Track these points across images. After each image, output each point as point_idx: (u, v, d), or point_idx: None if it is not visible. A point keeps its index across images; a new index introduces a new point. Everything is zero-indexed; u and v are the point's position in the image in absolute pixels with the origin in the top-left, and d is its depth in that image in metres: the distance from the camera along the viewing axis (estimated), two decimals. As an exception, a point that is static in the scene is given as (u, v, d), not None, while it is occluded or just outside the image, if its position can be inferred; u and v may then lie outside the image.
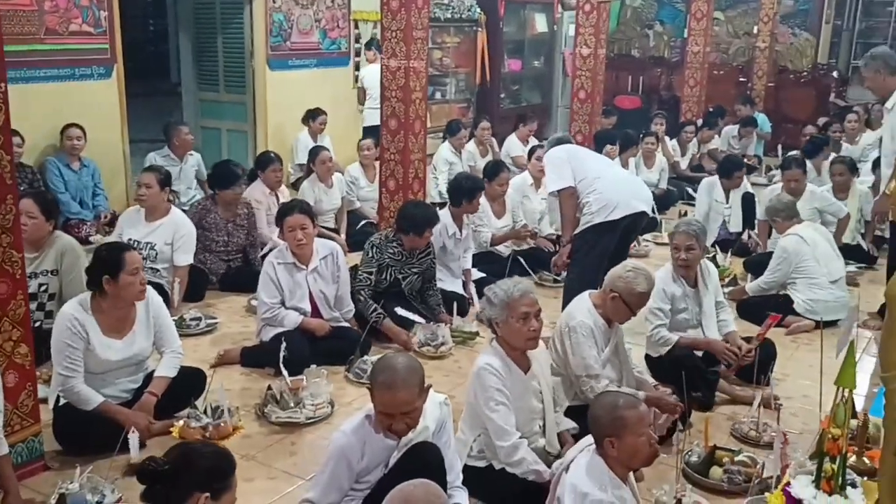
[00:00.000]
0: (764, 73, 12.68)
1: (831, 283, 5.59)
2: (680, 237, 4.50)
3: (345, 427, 2.89)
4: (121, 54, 7.19)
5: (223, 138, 9.11)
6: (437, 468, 2.86)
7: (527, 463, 3.24)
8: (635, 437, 2.73)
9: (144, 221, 5.40)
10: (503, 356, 3.36)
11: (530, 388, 3.42)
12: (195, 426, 3.58)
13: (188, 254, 5.43)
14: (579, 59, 8.09)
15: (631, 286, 3.71)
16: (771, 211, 5.96)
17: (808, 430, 4.09)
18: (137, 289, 3.70)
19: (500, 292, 3.37)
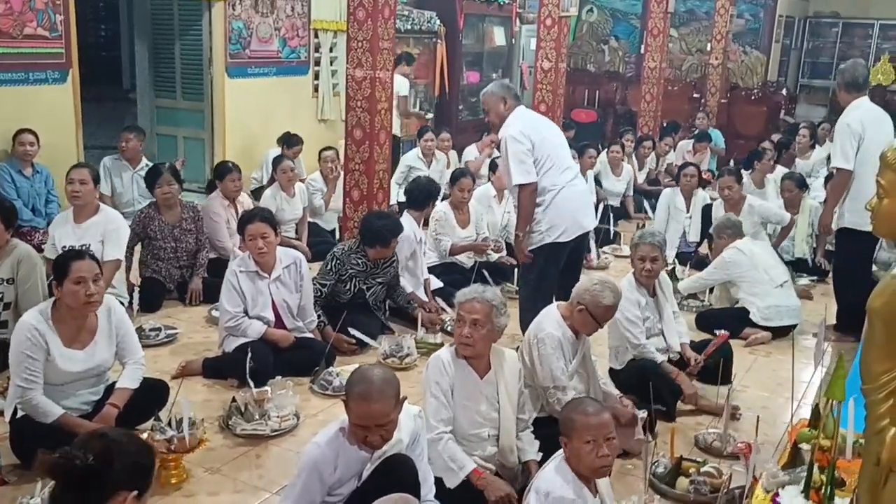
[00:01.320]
0: (717, 90, 12.95)
1: (777, 287, 5.74)
2: (645, 248, 4.56)
3: (318, 439, 2.85)
4: (76, 59, 7.05)
5: (180, 145, 8.99)
6: (411, 482, 2.84)
7: (442, 460, 3.24)
8: (580, 443, 2.77)
9: (74, 224, 5.18)
10: (455, 355, 3.41)
11: (484, 392, 3.42)
12: (159, 439, 3.49)
13: (117, 248, 5.15)
14: (540, 72, 8.17)
15: (597, 299, 3.74)
16: (718, 228, 6.12)
17: (770, 441, 4.15)
18: (81, 298, 3.55)
19: (458, 295, 3.51)
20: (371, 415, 2.72)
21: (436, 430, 3.27)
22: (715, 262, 5.95)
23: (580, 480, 2.79)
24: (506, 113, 4.91)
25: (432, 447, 3.21)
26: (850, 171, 5.31)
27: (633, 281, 4.62)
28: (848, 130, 5.30)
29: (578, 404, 2.94)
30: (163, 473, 3.55)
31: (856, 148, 5.26)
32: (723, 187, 6.82)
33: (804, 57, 15.51)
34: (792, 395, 3.74)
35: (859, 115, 5.35)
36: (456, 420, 3.35)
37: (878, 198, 1.95)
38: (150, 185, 5.92)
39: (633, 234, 8.23)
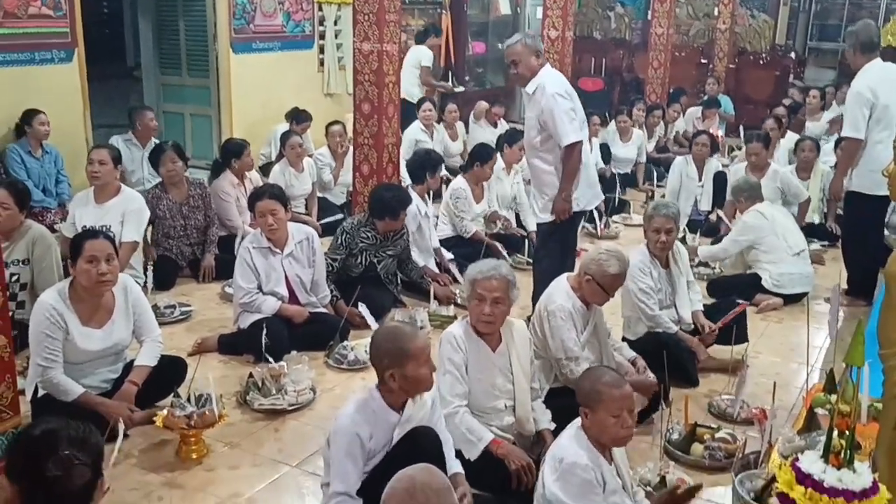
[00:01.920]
0: (724, 55, 12.82)
1: (794, 255, 5.73)
2: (659, 220, 4.54)
3: (346, 411, 2.87)
4: (82, 38, 7.02)
5: (186, 123, 8.97)
6: (435, 454, 2.87)
7: (460, 433, 3.26)
8: (606, 415, 2.78)
9: (95, 203, 5.22)
10: (467, 329, 3.42)
11: (497, 364, 3.45)
12: (179, 415, 3.54)
13: (135, 230, 5.20)
14: (547, 41, 8.08)
15: (603, 268, 3.73)
16: (735, 190, 6.07)
17: (783, 406, 4.17)
18: (93, 277, 3.59)
19: (471, 271, 3.47)
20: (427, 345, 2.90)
21: (451, 404, 3.29)
22: (737, 228, 5.87)
23: (596, 448, 2.82)
24: (538, 67, 4.65)
25: (449, 421, 3.23)
26: (860, 141, 5.26)
27: (646, 252, 4.62)
28: (859, 98, 5.24)
29: (602, 376, 2.89)
30: (183, 448, 3.61)
31: (867, 116, 5.21)
32: (750, 153, 6.78)
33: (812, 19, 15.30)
34: (807, 361, 3.75)
35: (869, 80, 5.27)
36: (472, 394, 3.37)
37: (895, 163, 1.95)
38: (155, 163, 5.93)
39: (642, 202, 8.31)
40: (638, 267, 4.45)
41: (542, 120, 4.62)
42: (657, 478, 3.43)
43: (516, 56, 4.64)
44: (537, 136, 4.70)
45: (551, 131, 4.61)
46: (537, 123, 4.67)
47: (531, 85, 4.64)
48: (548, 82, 4.63)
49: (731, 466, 3.29)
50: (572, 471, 2.73)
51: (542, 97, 4.57)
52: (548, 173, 4.73)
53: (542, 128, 4.65)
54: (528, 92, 4.66)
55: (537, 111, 4.64)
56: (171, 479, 3.46)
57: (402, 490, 2.20)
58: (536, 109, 4.65)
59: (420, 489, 2.18)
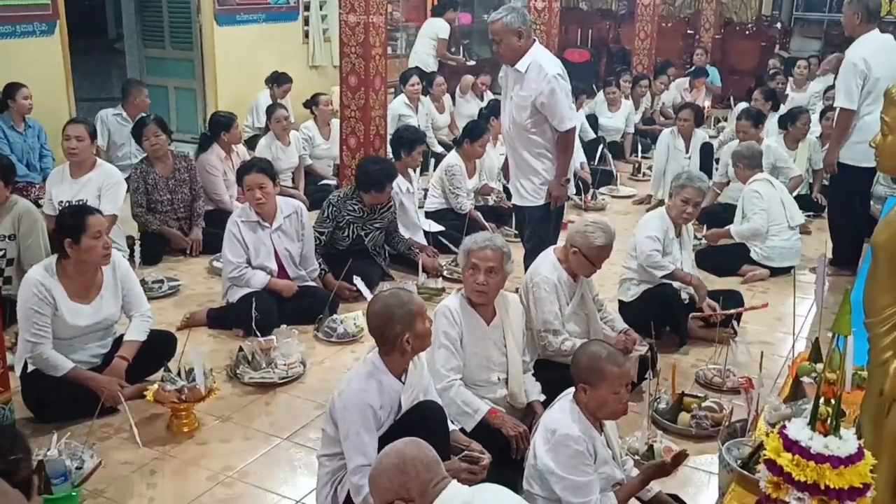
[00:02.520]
0: (711, 26, 12.79)
1: (792, 228, 5.77)
2: (691, 191, 4.60)
3: (353, 383, 2.85)
4: (63, 10, 6.94)
5: (170, 96, 8.91)
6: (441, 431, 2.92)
7: (456, 405, 3.29)
8: (608, 392, 2.79)
9: (70, 179, 5.17)
10: (464, 303, 3.43)
11: (491, 338, 3.47)
12: (170, 389, 3.54)
13: (112, 203, 5.11)
14: (534, 12, 8.06)
15: (589, 240, 3.75)
16: (737, 156, 6.02)
17: (769, 375, 4.22)
18: (100, 252, 3.62)
19: (467, 241, 3.49)
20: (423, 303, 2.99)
21: (446, 378, 3.31)
22: (751, 200, 5.74)
23: (588, 420, 2.85)
24: (521, 46, 4.41)
25: (444, 395, 3.26)
26: (854, 111, 5.24)
27: (664, 214, 4.70)
28: (853, 69, 5.21)
29: (601, 352, 2.86)
30: (175, 423, 3.62)
31: (860, 86, 5.19)
32: (740, 130, 6.76)
33: (798, -11, 15.29)
34: (793, 330, 3.79)
35: (864, 51, 5.24)
36: (466, 367, 3.39)
37: (883, 135, 1.96)
38: (138, 137, 5.88)
39: (629, 174, 8.34)
40: (658, 223, 4.62)
41: (538, 102, 4.41)
42: (645, 446, 3.48)
43: (496, 35, 4.46)
44: (529, 119, 4.48)
45: (548, 114, 4.44)
46: (531, 105, 4.44)
47: (522, 63, 4.42)
48: (544, 62, 4.43)
49: (717, 435, 3.33)
50: (565, 442, 2.75)
51: (541, 78, 4.37)
52: (538, 156, 4.57)
53: (537, 110, 4.44)
54: (520, 70, 4.43)
55: (533, 92, 4.41)
56: (164, 453, 3.48)
57: (392, 465, 2.21)
58: (531, 90, 4.41)
59: (410, 463, 2.21)
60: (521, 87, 4.46)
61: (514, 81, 4.52)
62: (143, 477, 3.32)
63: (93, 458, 3.24)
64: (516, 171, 4.71)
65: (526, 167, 4.63)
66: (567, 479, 2.74)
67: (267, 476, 3.36)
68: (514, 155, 4.70)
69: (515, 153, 4.67)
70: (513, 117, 4.55)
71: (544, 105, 4.41)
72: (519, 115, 4.51)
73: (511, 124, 4.60)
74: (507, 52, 4.44)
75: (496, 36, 4.45)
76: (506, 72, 4.65)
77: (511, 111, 4.57)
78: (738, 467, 2.71)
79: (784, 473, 1.82)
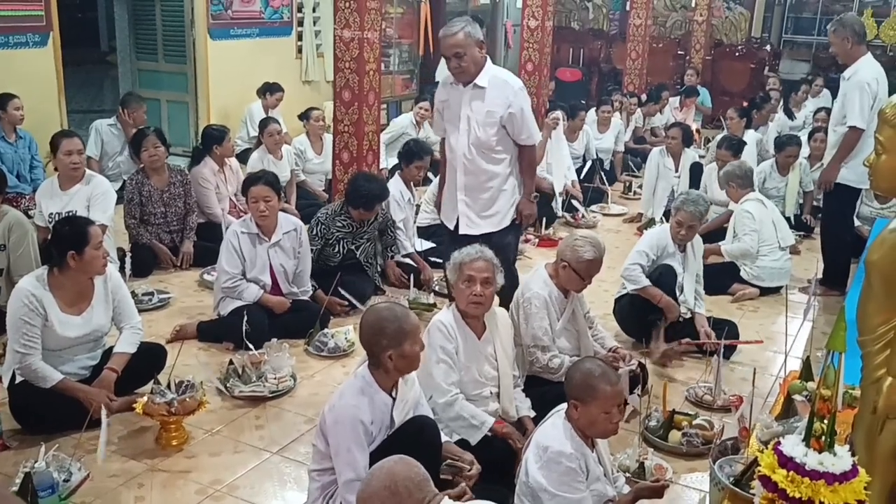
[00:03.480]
0: (701, 47, 12.91)
1: (782, 249, 5.80)
2: (684, 215, 4.70)
3: (345, 400, 2.84)
4: (56, 22, 6.95)
5: (163, 109, 8.90)
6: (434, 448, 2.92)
7: (463, 418, 3.29)
8: (598, 411, 2.79)
9: (60, 191, 5.17)
10: (457, 317, 3.43)
11: (483, 352, 3.47)
12: (160, 402, 3.52)
13: (102, 213, 5.06)
14: (526, 30, 8.11)
15: (578, 254, 3.75)
16: (729, 175, 5.99)
17: (759, 394, 4.23)
18: (101, 262, 3.64)
19: (457, 255, 3.48)
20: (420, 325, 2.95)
21: (449, 392, 3.30)
22: (742, 221, 5.76)
23: (580, 437, 2.84)
24: (482, 59, 4.16)
25: (448, 409, 3.26)
26: (863, 131, 5.21)
27: (667, 230, 4.82)
28: (867, 90, 5.20)
29: (594, 370, 2.85)
30: (164, 436, 3.59)
31: (871, 106, 5.18)
32: (719, 158, 6.80)
33: (787, 12, 15.44)
34: (785, 349, 3.80)
35: (872, 72, 5.28)
36: (461, 382, 3.39)
37: (877, 154, 1.98)
38: (137, 148, 5.87)
39: (620, 192, 8.37)
40: (657, 236, 4.76)
41: (505, 117, 4.15)
42: (636, 464, 3.47)
43: (461, 47, 4.04)
44: (495, 136, 4.19)
45: (516, 128, 4.20)
46: (498, 121, 4.16)
47: (482, 77, 4.13)
48: (505, 75, 4.25)
49: (708, 452, 3.33)
50: (557, 459, 2.75)
51: (510, 91, 4.14)
52: (506, 176, 4.30)
53: (502, 126, 4.19)
54: (481, 85, 4.13)
55: (500, 107, 4.14)
56: (152, 466, 3.45)
57: (383, 487, 2.17)
58: (498, 105, 4.14)
59: (402, 484, 2.17)
60: (484, 102, 4.16)
61: (472, 98, 4.18)
62: (132, 490, 3.29)
63: (80, 471, 3.20)
64: (475, 197, 4.31)
65: (491, 189, 4.30)
66: (559, 497, 2.74)
67: (257, 490, 3.33)
68: (472, 180, 4.28)
69: (475, 177, 4.28)
70: (476, 137, 4.20)
71: (514, 119, 4.17)
72: (485, 133, 4.19)
73: (471, 146, 4.23)
74: (471, 65, 4.09)
75: (459, 49, 4.05)
76: (450, 92, 4.29)
77: (472, 131, 4.20)
78: (731, 485, 2.71)
79: (779, 490, 1.83)
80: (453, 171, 4.35)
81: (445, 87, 4.34)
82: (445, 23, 11.78)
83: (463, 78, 4.15)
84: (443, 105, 4.36)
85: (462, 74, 4.14)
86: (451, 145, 4.32)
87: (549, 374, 3.75)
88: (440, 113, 4.41)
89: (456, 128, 4.27)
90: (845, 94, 5.29)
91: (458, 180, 4.32)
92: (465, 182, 4.31)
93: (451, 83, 4.25)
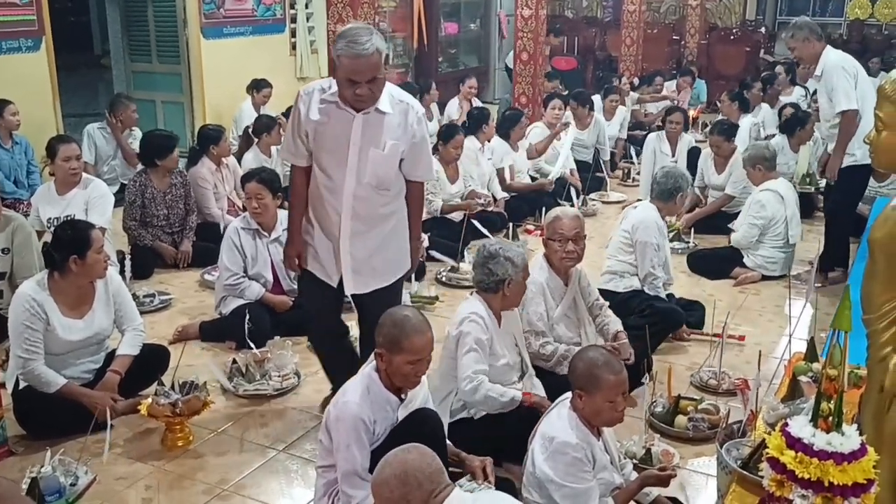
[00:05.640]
0: (696, 31, 12.89)
1: (791, 245, 5.71)
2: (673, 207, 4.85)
3: (349, 398, 2.81)
4: (49, 26, 6.92)
5: (158, 110, 8.87)
6: (439, 437, 2.89)
7: (492, 398, 3.29)
8: (603, 400, 2.78)
9: (57, 196, 5.17)
10: (487, 307, 3.43)
11: (508, 338, 3.51)
12: (164, 403, 3.51)
13: (100, 216, 5.06)
14: (520, 20, 8.08)
15: (546, 220, 3.93)
16: (755, 158, 5.80)
17: (764, 376, 4.22)
18: (102, 266, 3.65)
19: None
20: (426, 345, 2.80)
21: (473, 380, 3.28)
22: (754, 210, 5.66)
23: (586, 427, 2.83)
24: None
25: (474, 394, 3.27)
26: (857, 110, 5.16)
27: (651, 212, 4.80)
28: (844, 72, 5.18)
29: (597, 359, 2.83)
30: (169, 437, 3.59)
31: (853, 86, 5.15)
32: (713, 144, 6.78)
33: (781, -6, 15.44)
34: (789, 330, 3.79)
35: (840, 56, 5.27)
36: (494, 371, 3.39)
37: (877, 131, 1.97)
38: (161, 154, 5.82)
39: (619, 179, 8.35)
40: (652, 224, 4.71)
41: (407, 150, 3.38)
42: (643, 450, 3.47)
43: (377, 70, 3.16)
44: (395, 172, 3.41)
45: (412, 163, 3.43)
46: (398, 153, 3.37)
47: (383, 101, 3.27)
48: (407, 97, 3.43)
49: (714, 437, 3.33)
50: (563, 450, 2.74)
51: (412, 118, 3.35)
52: (395, 218, 3.50)
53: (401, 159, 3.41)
54: (385, 111, 3.28)
55: (402, 138, 3.35)
56: (159, 468, 3.44)
57: (394, 476, 2.17)
58: (400, 136, 3.34)
59: (412, 474, 2.17)
60: (384, 131, 3.31)
61: (367, 126, 3.29)
62: (139, 492, 3.28)
63: (87, 475, 3.20)
64: (365, 246, 3.44)
65: (385, 235, 3.47)
66: (566, 487, 2.73)
67: (264, 488, 3.33)
68: (361, 226, 3.41)
69: (367, 223, 3.41)
70: (375, 174, 3.33)
71: (416, 152, 3.41)
72: (385, 169, 3.36)
73: (366, 185, 3.35)
74: (379, 89, 3.22)
75: (378, 73, 3.16)
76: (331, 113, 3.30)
77: (369, 167, 3.32)
78: (739, 468, 2.70)
79: (787, 471, 1.82)
80: (332, 216, 3.40)
81: (323, 105, 3.30)
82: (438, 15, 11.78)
83: (370, 104, 3.25)
84: (316, 128, 3.31)
85: (369, 102, 3.23)
86: (331, 183, 3.36)
87: (542, 362, 3.76)
88: (305, 137, 3.35)
89: (341, 161, 3.31)
90: (831, 89, 5.20)
91: (341, 227, 3.38)
92: (351, 229, 3.38)
93: (334, 102, 3.28)
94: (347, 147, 3.30)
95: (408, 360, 2.77)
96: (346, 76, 3.15)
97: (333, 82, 3.29)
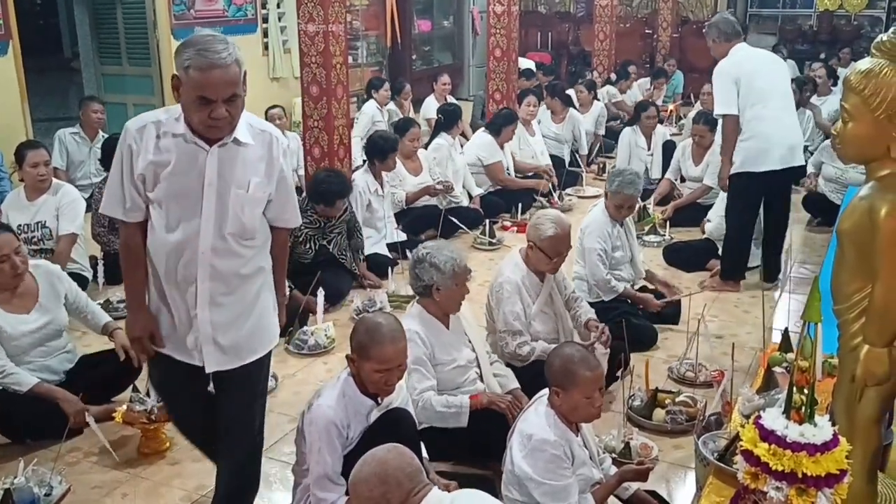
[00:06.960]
0: (668, 25, 12.94)
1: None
2: (624, 197, 4.62)
3: (323, 401, 2.79)
4: (16, 29, 6.83)
5: (130, 113, 8.75)
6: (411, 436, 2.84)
7: (436, 413, 3.25)
8: (580, 396, 2.77)
9: (27, 202, 5.11)
10: (424, 316, 3.37)
11: (458, 338, 3.45)
12: (139, 410, 3.48)
13: (72, 222, 5.05)
14: (493, 16, 8.07)
15: (540, 232, 3.75)
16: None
17: (740, 368, 4.25)
18: (8, 273, 3.61)
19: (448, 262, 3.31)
20: (397, 355, 2.73)
21: (419, 400, 3.24)
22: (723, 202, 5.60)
23: (563, 423, 2.83)
24: None
25: (424, 413, 3.22)
26: (737, 115, 5.08)
27: (606, 213, 4.70)
28: (724, 76, 5.09)
29: (573, 356, 2.83)
30: (145, 443, 3.56)
31: (736, 91, 5.05)
32: (695, 133, 6.80)
33: (753, -14, 15.54)
34: (763, 322, 3.82)
35: (734, 59, 5.13)
36: (445, 375, 3.35)
37: (843, 122, 1.98)
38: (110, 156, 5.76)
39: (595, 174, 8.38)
40: (602, 229, 4.62)
41: (273, 190, 2.71)
42: (621, 444, 3.48)
43: (237, 85, 2.53)
44: (258, 216, 2.72)
45: (279, 206, 2.76)
46: (265, 194, 2.70)
47: (241, 130, 2.61)
48: (266, 125, 2.80)
49: (692, 429, 3.34)
50: (541, 447, 2.73)
51: (276, 151, 2.71)
52: (262, 274, 2.80)
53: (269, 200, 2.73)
54: (245, 141, 2.62)
55: (270, 174, 2.69)
56: (135, 475, 3.41)
57: (373, 475, 2.15)
58: (267, 171, 2.68)
59: (392, 473, 2.15)
60: (247, 168, 2.64)
61: (223, 162, 2.60)
62: (115, 500, 3.25)
63: (62, 484, 3.16)
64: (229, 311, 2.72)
65: (251, 295, 2.76)
66: (545, 485, 2.72)
67: (242, 493, 3.30)
68: (223, 287, 2.68)
69: (228, 283, 2.69)
70: (237, 222, 2.65)
71: (282, 191, 2.74)
72: (250, 217, 2.68)
73: (227, 236, 2.65)
74: (238, 112, 2.57)
75: (235, 88, 2.52)
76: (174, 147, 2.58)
77: (229, 214, 2.63)
78: (715, 460, 2.71)
79: (761, 463, 1.83)
80: (184, 279, 2.67)
81: (162, 140, 2.59)
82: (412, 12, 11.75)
83: (223, 134, 2.58)
84: (155, 171, 2.60)
85: (226, 129, 2.57)
86: (180, 238, 2.63)
87: (519, 362, 3.74)
88: (140, 185, 2.63)
89: (193, 209, 2.61)
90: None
91: (198, 292, 2.66)
92: (210, 292, 2.67)
93: (180, 135, 2.58)
94: (201, 190, 2.58)
95: (376, 368, 2.73)
96: (196, 94, 2.46)
97: (172, 111, 2.60)
